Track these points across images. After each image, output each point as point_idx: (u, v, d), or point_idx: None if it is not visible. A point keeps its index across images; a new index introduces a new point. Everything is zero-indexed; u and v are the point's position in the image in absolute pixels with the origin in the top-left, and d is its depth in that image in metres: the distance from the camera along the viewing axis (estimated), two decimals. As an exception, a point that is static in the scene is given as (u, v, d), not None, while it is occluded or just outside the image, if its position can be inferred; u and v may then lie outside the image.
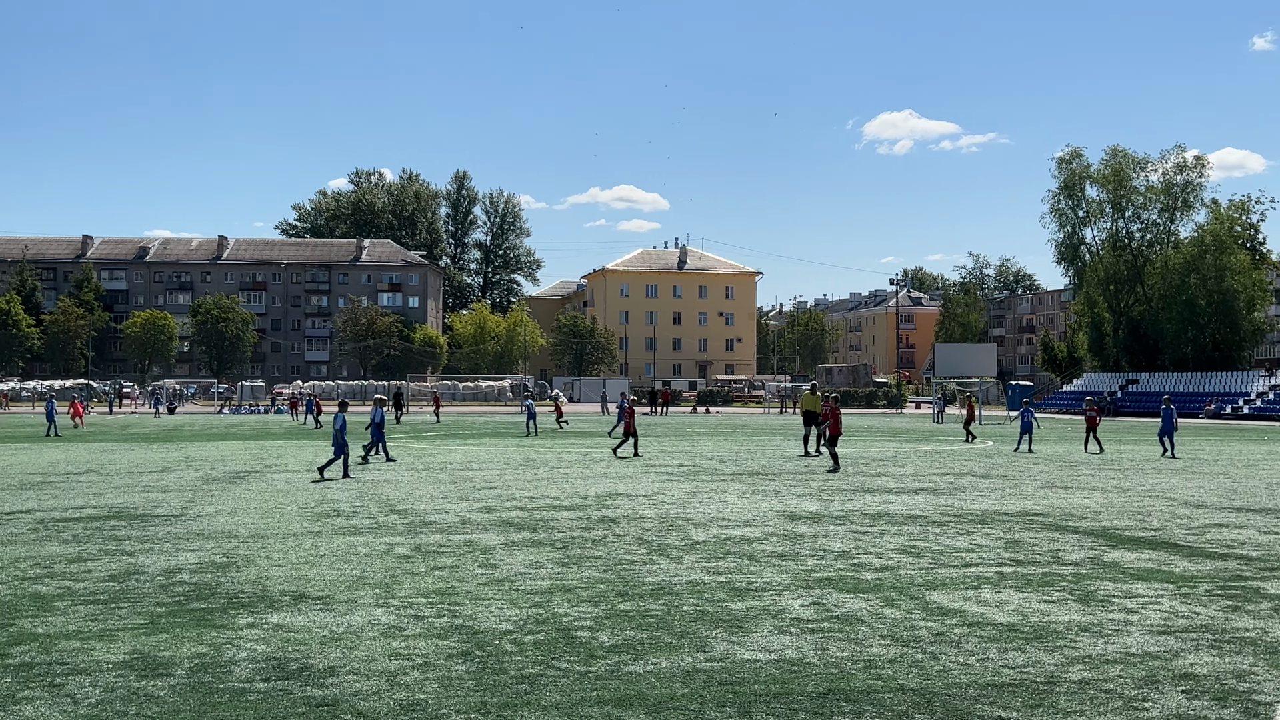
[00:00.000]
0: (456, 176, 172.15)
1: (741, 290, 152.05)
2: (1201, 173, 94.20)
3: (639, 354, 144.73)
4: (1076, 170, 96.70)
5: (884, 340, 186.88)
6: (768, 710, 6.68)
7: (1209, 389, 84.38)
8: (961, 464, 28.22)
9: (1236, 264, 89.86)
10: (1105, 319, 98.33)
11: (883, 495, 19.88)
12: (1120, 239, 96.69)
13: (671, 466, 26.62)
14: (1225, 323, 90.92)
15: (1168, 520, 16.36)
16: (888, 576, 11.34)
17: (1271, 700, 6.89)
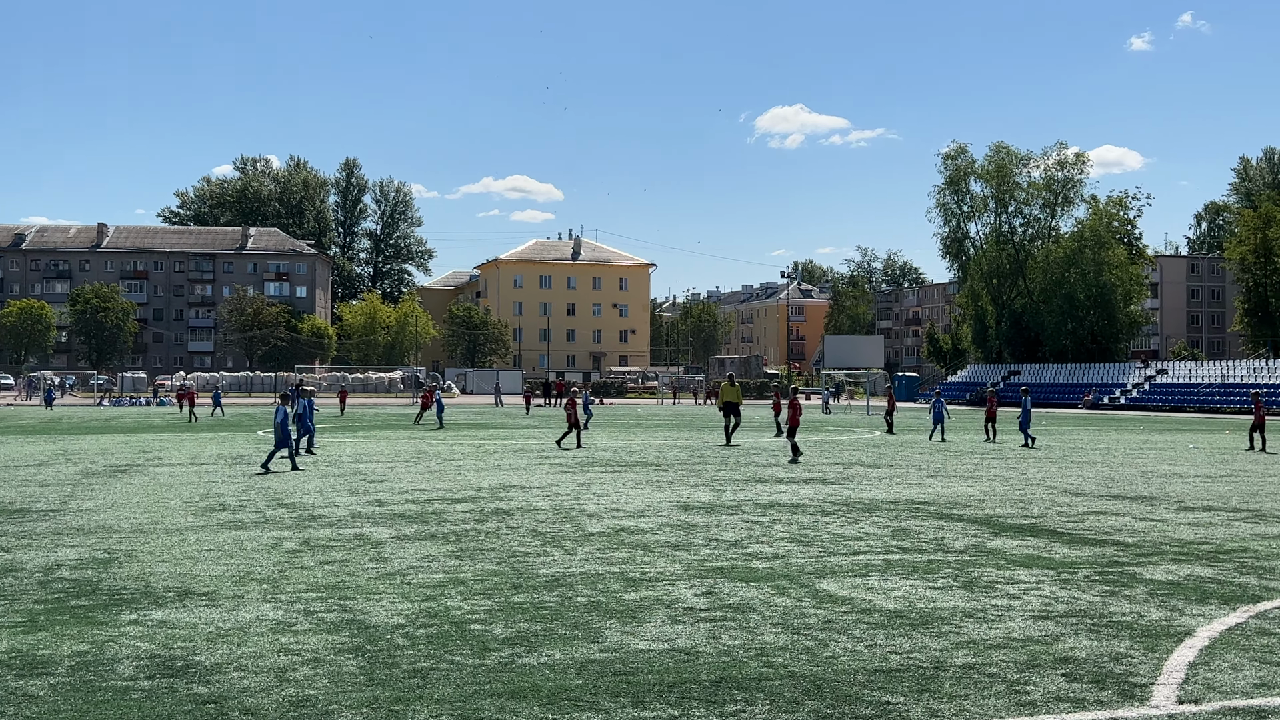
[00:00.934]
0: (346, 164, 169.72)
1: (635, 282, 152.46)
2: (1082, 169, 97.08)
3: (533, 345, 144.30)
4: (962, 166, 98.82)
5: (775, 332, 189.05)
6: (661, 699, 6.72)
7: (1088, 380, 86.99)
8: (850, 454, 28.69)
9: (1114, 259, 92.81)
10: (988, 312, 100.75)
11: (774, 485, 20.12)
12: (1003, 234, 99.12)
13: (565, 458, 26.60)
14: (1103, 316, 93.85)
15: (1048, 508, 16.84)
16: (779, 565, 11.49)
17: (1147, 682, 7.14)
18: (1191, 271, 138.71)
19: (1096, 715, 6.43)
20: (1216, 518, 15.66)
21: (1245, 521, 15.24)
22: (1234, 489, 19.83)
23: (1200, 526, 14.72)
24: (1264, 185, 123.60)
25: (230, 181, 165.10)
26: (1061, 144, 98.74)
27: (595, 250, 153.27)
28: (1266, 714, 6.44)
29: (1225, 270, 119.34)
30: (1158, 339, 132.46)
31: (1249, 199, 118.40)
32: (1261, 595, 9.98)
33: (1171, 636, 8.38)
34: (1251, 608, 9.43)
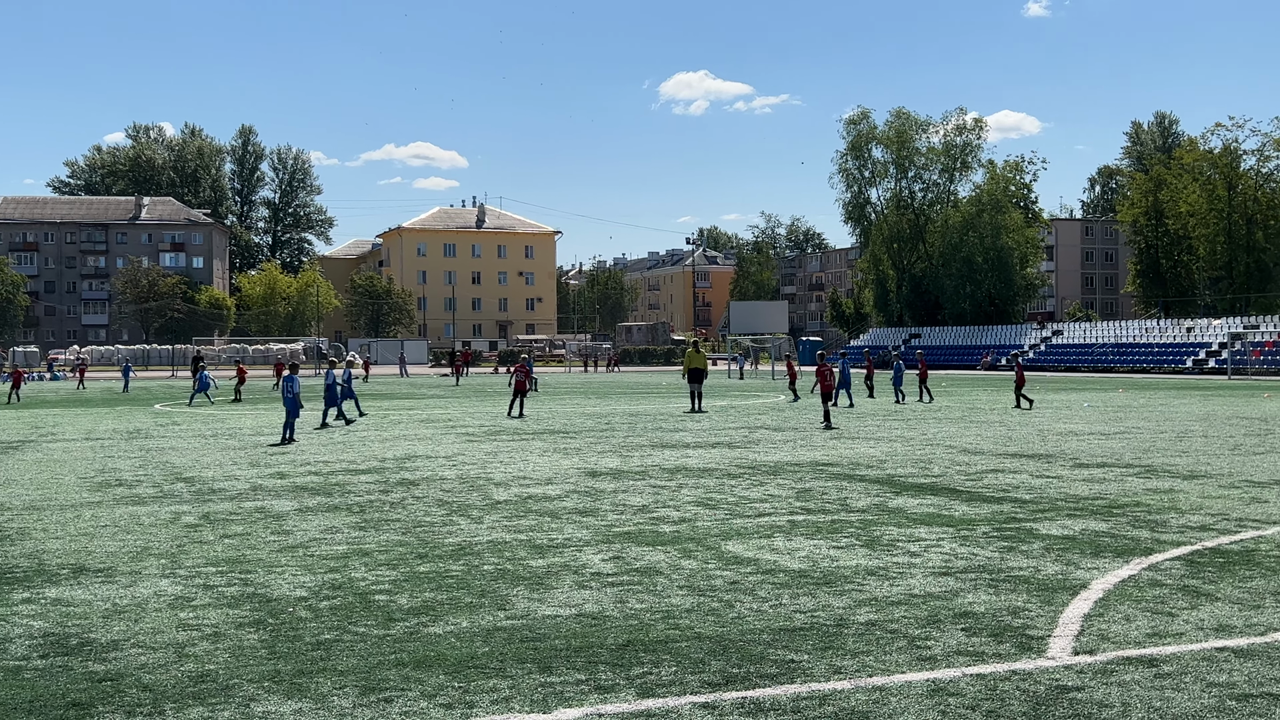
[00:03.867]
0: (242, 131, 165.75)
1: (541, 249, 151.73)
2: (980, 134, 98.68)
3: (438, 314, 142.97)
4: (863, 132, 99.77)
5: (681, 299, 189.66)
6: (568, 664, 6.71)
7: (986, 342, 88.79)
8: (755, 418, 28.94)
9: (1011, 223, 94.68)
10: (890, 276, 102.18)
11: (681, 450, 20.21)
12: (903, 199, 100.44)
13: (472, 427, 26.43)
14: (1001, 279, 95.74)
15: (948, 467, 17.15)
16: (685, 528, 11.54)
17: (1044, 634, 7.31)
18: (1086, 234, 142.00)
19: (995, 668, 6.56)
20: (1110, 474, 16.10)
21: (1138, 477, 15.69)
22: (1127, 445, 20.39)
23: (1094, 482, 15.11)
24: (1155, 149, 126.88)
25: (122, 150, 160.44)
26: (961, 110, 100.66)
27: (500, 218, 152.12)
28: (1158, 662, 6.63)
29: (1118, 233, 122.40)
30: (1054, 301, 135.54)
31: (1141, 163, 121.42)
32: (1153, 548, 10.27)
33: (1067, 590, 8.60)
34: (1144, 560, 9.70)
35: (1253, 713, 5.74)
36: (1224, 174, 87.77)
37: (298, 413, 22.97)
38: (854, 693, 6.13)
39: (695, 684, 6.31)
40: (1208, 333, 74.56)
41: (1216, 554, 9.92)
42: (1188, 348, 73.62)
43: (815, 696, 6.07)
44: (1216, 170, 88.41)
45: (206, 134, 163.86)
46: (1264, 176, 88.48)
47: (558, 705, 5.99)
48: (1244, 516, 12.01)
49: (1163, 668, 6.51)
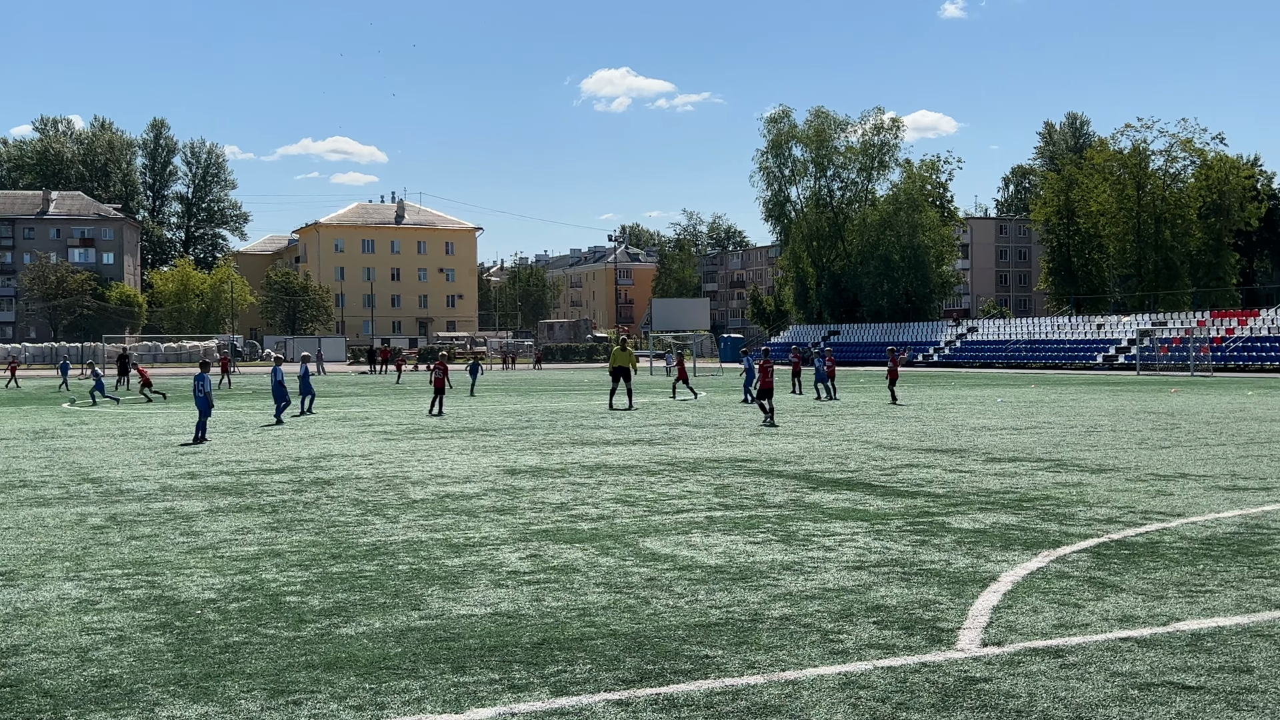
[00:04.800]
0: (154, 125, 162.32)
1: (462, 246, 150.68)
2: (897, 134, 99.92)
3: (356, 311, 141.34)
4: (784, 130, 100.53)
5: (604, 296, 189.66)
6: (482, 664, 6.66)
7: (903, 338, 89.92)
8: (676, 415, 29.03)
9: (927, 221, 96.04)
10: (809, 274, 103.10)
11: (601, 447, 20.20)
12: (822, 197, 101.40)
13: (390, 425, 26.18)
14: (917, 276, 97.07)
15: (864, 462, 17.34)
16: (604, 526, 11.53)
17: (953, 627, 7.41)
18: (1000, 233, 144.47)
19: (905, 660, 6.64)
20: (1021, 468, 16.39)
21: (1048, 471, 15.99)
22: (1038, 440, 20.78)
23: (1006, 476, 15.38)
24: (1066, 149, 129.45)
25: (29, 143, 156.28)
26: (879, 109, 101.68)
27: (420, 213, 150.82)
28: (1064, 653, 6.75)
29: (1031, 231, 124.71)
30: (969, 298, 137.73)
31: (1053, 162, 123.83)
32: (1061, 540, 10.47)
33: (977, 582, 8.73)
34: (1052, 552, 9.89)
35: (1154, 701, 5.86)
36: (1133, 174, 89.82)
37: (209, 412, 22.59)
38: (767, 687, 6.16)
39: (609, 681, 6.30)
40: (1117, 329, 76.26)
41: (1122, 546, 10.14)
42: (1098, 344, 75.23)
43: (729, 691, 6.10)
44: (1126, 170, 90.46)
45: (117, 127, 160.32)
46: (1171, 176, 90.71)
47: (470, 705, 5.95)
48: (1149, 509, 12.29)
49: (1068, 658, 6.64)
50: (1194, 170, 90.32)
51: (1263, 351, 65.05)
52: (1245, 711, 5.68)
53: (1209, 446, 19.25)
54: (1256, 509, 12.23)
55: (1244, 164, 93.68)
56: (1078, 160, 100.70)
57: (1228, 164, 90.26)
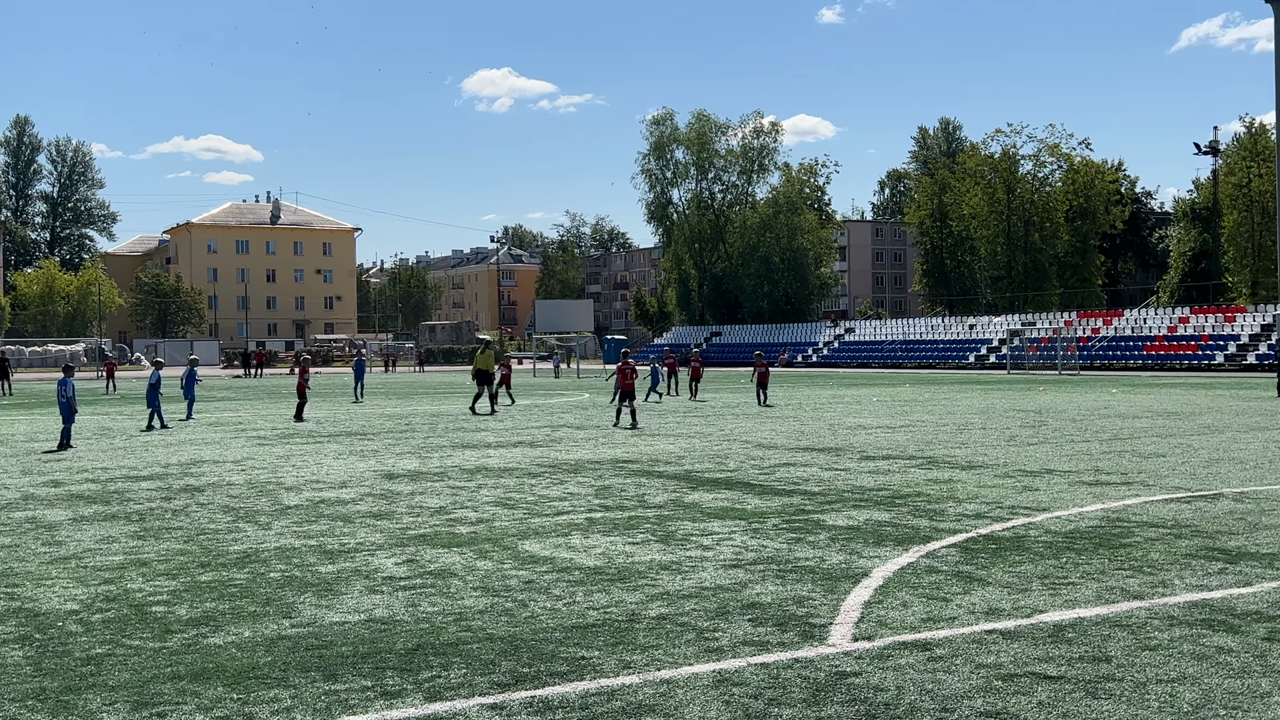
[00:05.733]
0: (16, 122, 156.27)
1: (340, 247, 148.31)
2: (776, 138, 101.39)
3: (230, 313, 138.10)
4: (666, 133, 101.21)
5: (487, 297, 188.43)
6: (354, 671, 6.56)
7: (783, 339, 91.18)
8: (559, 416, 28.99)
9: (806, 224, 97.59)
10: (692, 275, 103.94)
11: (482, 450, 20.07)
12: (704, 199, 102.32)
13: (264, 430, 25.64)
14: (796, 278, 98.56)
15: (743, 462, 17.53)
16: (483, 529, 11.46)
17: (826, 622, 7.53)
18: (876, 235, 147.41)
19: (778, 657, 6.73)
20: (894, 465, 16.73)
21: (920, 468, 16.35)
22: (911, 438, 21.24)
23: (880, 474, 15.69)
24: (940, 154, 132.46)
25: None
26: (758, 113, 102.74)
27: (297, 214, 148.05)
28: (932, 646, 6.91)
29: (906, 234, 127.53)
30: (847, 299, 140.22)
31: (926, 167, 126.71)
32: (931, 536, 10.72)
33: (850, 578, 8.88)
34: (922, 548, 10.11)
35: (1016, 691, 6.03)
36: (1003, 178, 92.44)
37: (73, 418, 21.84)
38: (642, 687, 6.19)
39: (484, 685, 6.26)
40: (988, 330, 78.36)
41: (989, 541, 10.41)
42: (970, 344, 77.22)
43: (604, 692, 6.10)
44: (996, 174, 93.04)
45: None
46: (1040, 180, 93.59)
47: (341, 713, 5.85)
48: (1016, 504, 12.65)
49: (935, 651, 6.79)
50: (1061, 175, 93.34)
51: (1126, 350, 67.47)
52: (1103, 700, 5.88)
53: (1074, 443, 19.88)
54: (1118, 503, 12.67)
55: (1109, 168, 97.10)
56: (950, 165, 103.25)
57: (1093, 169, 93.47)
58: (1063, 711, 5.70)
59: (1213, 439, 20.32)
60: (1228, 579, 8.65)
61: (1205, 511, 11.92)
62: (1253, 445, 19.04)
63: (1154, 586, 8.43)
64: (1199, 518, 11.52)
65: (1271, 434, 21.22)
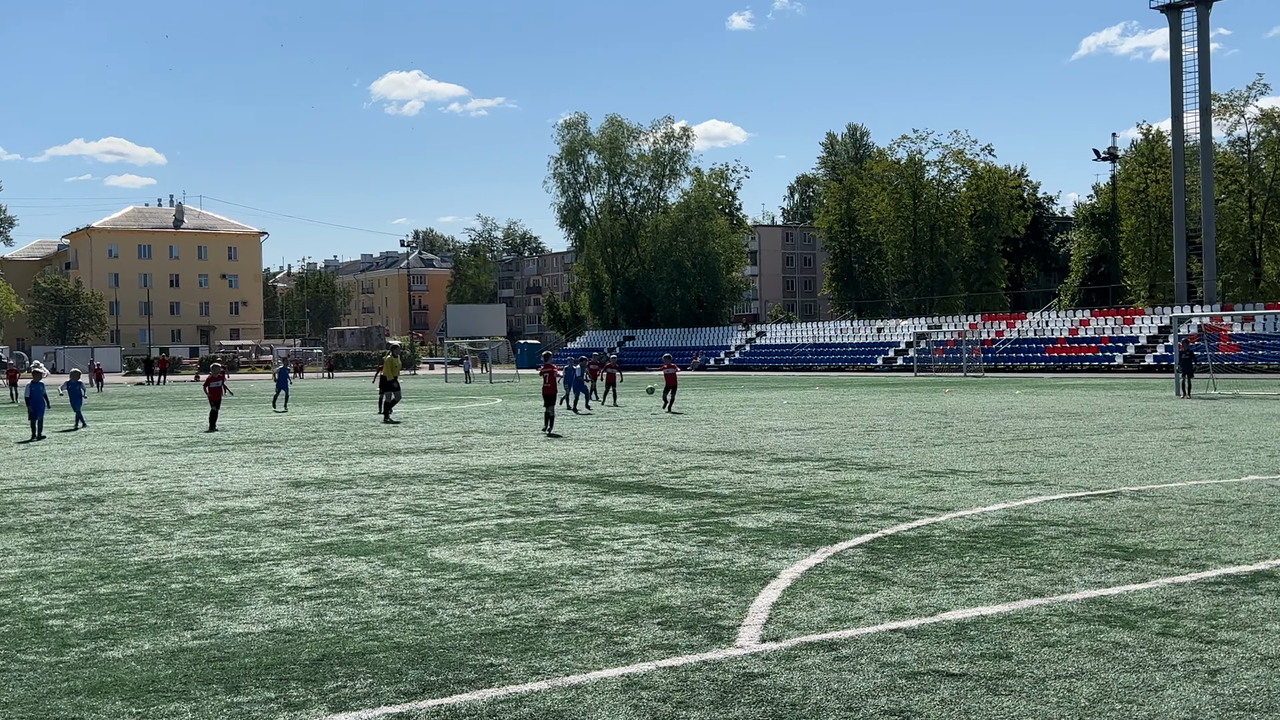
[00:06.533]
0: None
1: (246, 251, 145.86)
2: (687, 143, 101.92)
3: (132, 319, 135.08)
4: (578, 137, 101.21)
5: (397, 302, 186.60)
6: (257, 683, 6.45)
7: (696, 343, 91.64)
8: (471, 421, 28.81)
9: (717, 228, 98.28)
10: (604, 280, 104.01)
11: (391, 456, 19.87)
12: (616, 204, 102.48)
13: (168, 438, 25.11)
14: (708, 283, 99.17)
15: (655, 465, 17.58)
16: (391, 537, 11.34)
17: (734, 624, 7.58)
18: (786, 240, 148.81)
19: (687, 659, 6.75)
20: (803, 467, 16.90)
21: (828, 470, 16.54)
22: (820, 440, 21.47)
23: (789, 476, 15.83)
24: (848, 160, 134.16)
25: None
26: (669, 118, 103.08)
27: (201, 218, 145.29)
28: (838, 646, 6.99)
29: (815, 239, 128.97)
30: (758, 303, 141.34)
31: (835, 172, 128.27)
32: (839, 536, 10.84)
33: (759, 580, 8.95)
34: (830, 548, 10.22)
35: (920, 689, 6.13)
36: (909, 183, 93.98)
37: None
38: (550, 693, 6.17)
39: (391, 695, 6.20)
40: (896, 333, 79.53)
41: (895, 541, 10.56)
42: (878, 347, 78.30)
43: (512, 699, 6.08)
44: (903, 180, 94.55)
45: None
46: (945, 186, 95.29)
47: (244, 726, 5.75)
48: (921, 505, 12.85)
49: (841, 651, 6.87)
50: (965, 180, 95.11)
51: (1029, 352, 68.92)
52: (1003, 696, 6.00)
53: (978, 444, 20.26)
54: (1020, 502, 12.94)
55: (1011, 174, 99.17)
56: (858, 170, 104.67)
57: (997, 174, 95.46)
58: (964, 709, 5.80)
59: (1112, 439, 20.84)
60: (1125, 576, 8.88)
61: (1104, 510, 12.23)
62: (1150, 444, 19.57)
63: (1054, 584, 8.62)
64: (1098, 516, 11.80)
65: (1168, 433, 21.83)
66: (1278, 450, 18.17)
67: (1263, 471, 15.39)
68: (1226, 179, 78.76)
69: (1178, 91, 68.92)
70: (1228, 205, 78.47)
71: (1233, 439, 20.32)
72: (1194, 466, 16.15)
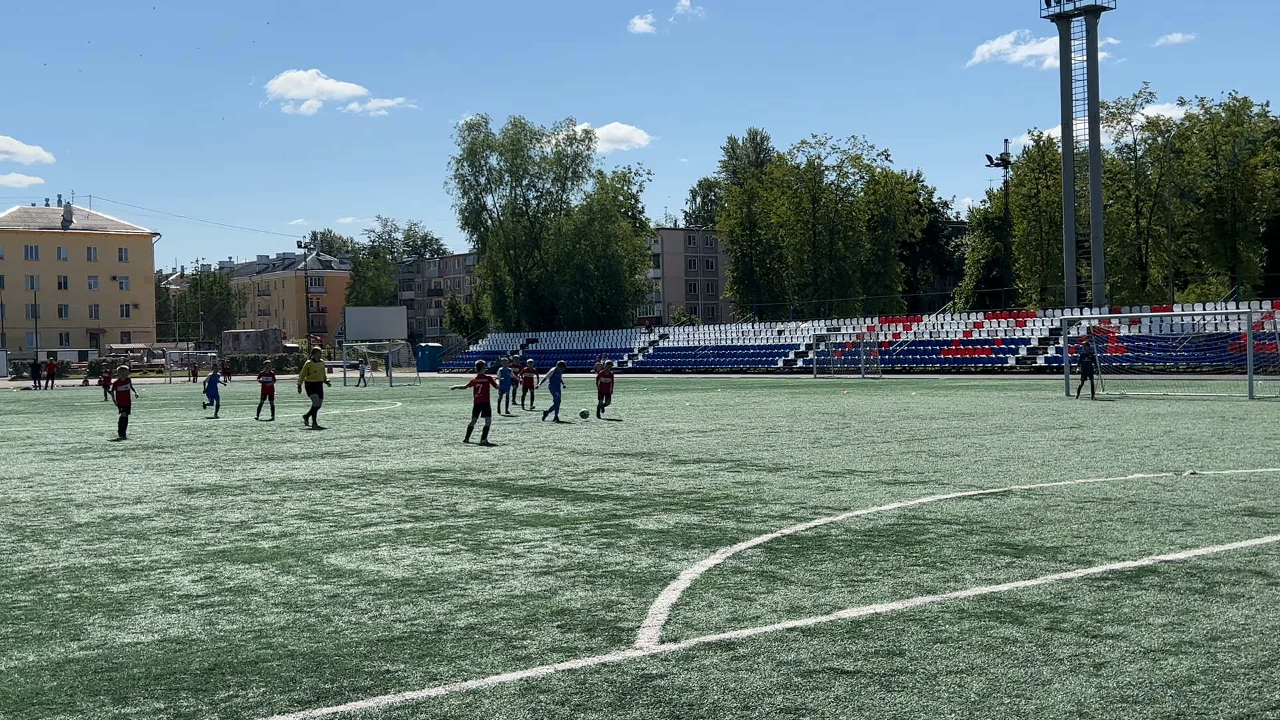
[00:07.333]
0: None
1: (137, 252, 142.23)
2: (590, 145, 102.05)
3: (18, 322, 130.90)
4: (479, 139, 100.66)
5: (294, 304, 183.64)
6: (146, 693, 6.30)
7: (599, 346, 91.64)
8: (370, 425, 28.48)
9: (620, 231, 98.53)
10: (507, 282, 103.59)
11: (288, 462, 19.55)
12: (519, 206, 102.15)
13: (55, 444, 24.40)
14: (611, 285, 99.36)
15: (557, 468, 17.55)
16: (286, 543, 11.16)
17: (634, 626, 7.60)
18: (689, 243, 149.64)
19: (586, 662, 6.76)
20: (705, 469, 17.01)
21: (729, 471, 16.67)
22: (721, 441, 21.63)
23: (690, 477, 15.92)
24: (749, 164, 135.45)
25: None
26: (570, 120, 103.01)
27: (90, 218, 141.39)
28: (735, 645, 7.04)
29: (717, 242, 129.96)
30: (661, 306, 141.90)
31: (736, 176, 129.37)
32: (738, 537, 10.93)
33: (659, 581, 8.99)
34: (729, 549, 10.31)
35: (815, 687, 6.20)
36: (809, 188, 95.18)
37: None
38: (448, 698, 6.12)
39: (284, 703, 6.10)
40: (796, 335, 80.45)
41: (793, 540, 10.69)
42: (779, 349, 79.12)
43: (408, 705, 6.02)
44: (802, 184, 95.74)
45: None
46: (843, 191, 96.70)
47: (131, 739, 5.61)
48: (819, 504, 13.02)
49: (739, 650, 6.93)
50: (863, 185, 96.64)
51: (925, 354, 70.22)
52: (896, 692, 6.10)
53: (875, 444, 20.58)
54: (914, 501, 13.18)
55: (908, 179, 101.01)
56: (759, 174, 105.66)
57: (893, 179, 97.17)
58: (858, 705, 5.89)
59: (1003, 438, 21.33)
60: (1014, 572, 9.09)
61: (995, 508, 12.50)
62: (1040, 444, 20.06)
63: (946, 581, 8.79)
64: (989, 514, 12.07)
65: (1058, 433, 22.40)
66: (1162, 449, 18.76)
67: (1148, 470, 15.88)
68: (1114, 185, 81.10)
69: (1067, 99, 70.84)
70: (1115, 210, 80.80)
71: (1119, 438, 20.93)
72: (1082, 465, 16.60)
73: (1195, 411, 27.85)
